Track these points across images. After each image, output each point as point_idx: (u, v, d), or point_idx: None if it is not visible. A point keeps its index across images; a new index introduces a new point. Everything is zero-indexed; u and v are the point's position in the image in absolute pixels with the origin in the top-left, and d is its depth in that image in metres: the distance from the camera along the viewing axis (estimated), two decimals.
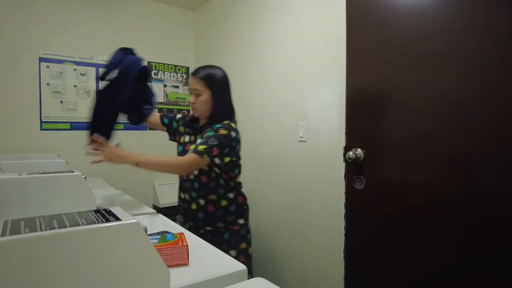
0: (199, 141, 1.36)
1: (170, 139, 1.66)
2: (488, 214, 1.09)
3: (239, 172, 1.52)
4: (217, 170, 1.43)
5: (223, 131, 1.35)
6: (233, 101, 1.51)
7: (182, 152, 1.49)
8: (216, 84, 1.43)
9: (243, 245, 1.49)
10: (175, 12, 2.98)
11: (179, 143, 1.56)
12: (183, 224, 1.53)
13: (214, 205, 1.44)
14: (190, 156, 1.31)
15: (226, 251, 1.35)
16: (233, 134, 1.38)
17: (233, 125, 1.42)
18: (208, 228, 1.46)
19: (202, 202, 1.44)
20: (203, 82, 1.41)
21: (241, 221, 1.49)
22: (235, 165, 1.47)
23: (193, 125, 1.55)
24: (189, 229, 1.47)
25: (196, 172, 1.43)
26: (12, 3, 2.27)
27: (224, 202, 1.45)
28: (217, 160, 1.34)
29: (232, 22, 2.55)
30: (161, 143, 2.92)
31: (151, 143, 2.87)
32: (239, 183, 1.54)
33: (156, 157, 1.36)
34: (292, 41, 1.98)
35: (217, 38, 2.75)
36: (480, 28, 1.10)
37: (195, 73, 1.44)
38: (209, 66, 1.47)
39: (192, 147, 1.35)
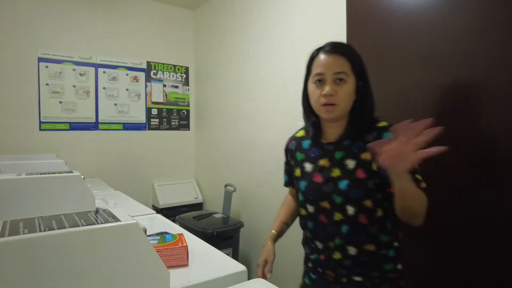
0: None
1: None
2: (489, 213, 1.09)
3: None
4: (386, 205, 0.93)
5: None
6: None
7: (311, 190, 0.99)
8: (363, 66, 0.99)
9: None
10: (174, 12, 2.97)
11: (298, 178, 1.06)
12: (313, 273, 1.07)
13: (368, 255, 0.95)
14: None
15: None
16: None
17: None
18: (358, 279, 0.96)
19: (352, 251, 0.95)
20: (349, 63, 0.95)
21: (399, 266, 0.99)
22: None
23: (315, 143, 1.03)
24: (323, 278, 1.03)
25: (351, 211, 0.93)
26: (11, 3, 2.26)
27: (383, 251, 0.96)
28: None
29: (231, 22, 2.55)
30: (161, 144, 2.93)
31: (151, 143, 2.86)
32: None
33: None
34: (291, 40, 1.98)
35: (216, 38, 2.74)
36: (481, 27, 1.10)
37: (334, 49, 0.96)
38: (342, 43, 1.03)
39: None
